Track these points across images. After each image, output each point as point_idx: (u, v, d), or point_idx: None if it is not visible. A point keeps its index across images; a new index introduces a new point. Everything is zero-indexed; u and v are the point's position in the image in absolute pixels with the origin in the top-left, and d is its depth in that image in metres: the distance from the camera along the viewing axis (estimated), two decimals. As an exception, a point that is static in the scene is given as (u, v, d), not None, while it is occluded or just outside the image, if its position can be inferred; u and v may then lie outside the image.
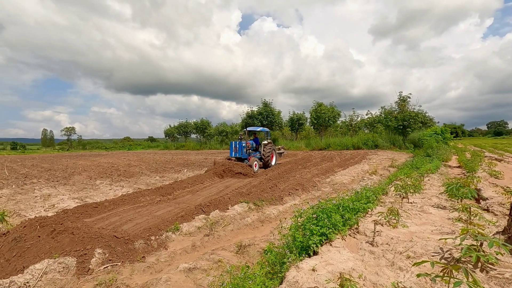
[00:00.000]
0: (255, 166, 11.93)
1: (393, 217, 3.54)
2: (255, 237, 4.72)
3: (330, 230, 2.75)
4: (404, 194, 5.12)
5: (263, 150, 13.50)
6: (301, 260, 2.43)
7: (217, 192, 8.23)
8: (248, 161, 12.17)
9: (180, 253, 4.23)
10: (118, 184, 9.79)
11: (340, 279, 1.81)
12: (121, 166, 16.40)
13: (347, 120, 34.88)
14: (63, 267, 3.47)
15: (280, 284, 2.17)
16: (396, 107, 26.85)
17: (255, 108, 36.13)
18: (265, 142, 14.06)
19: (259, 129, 15.24)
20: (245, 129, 14.37)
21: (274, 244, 3.19)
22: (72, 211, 5.61)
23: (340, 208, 3.17)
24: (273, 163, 14.35)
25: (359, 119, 34.59)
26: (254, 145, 14.06)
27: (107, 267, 3.70)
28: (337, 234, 2.80)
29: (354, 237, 2.96)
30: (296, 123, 35.68)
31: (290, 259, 2.47)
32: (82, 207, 6.04)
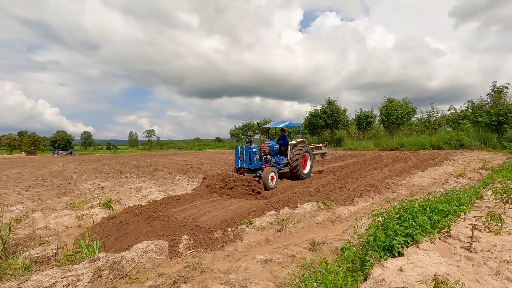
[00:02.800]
0: (271, 180, 8.43)
1: (495, 223, 3.08)
2: (327, 236, 4.68)
3: (417, 231, 2.57)
4: (507, 198, 4.40)
5: (291, 154, 10.00)
6: (385, 260, 2.34)
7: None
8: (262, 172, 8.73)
9: (254, 246, 4.46)
10: (194, 180, 10.74)
11: (434, 281, 1.69)
12: (194, 164, 17.89)
13: (424, 116, 31.25)
14: (159, 249, 4.02)
15: (365, 280, 2.13)
16: (489, 100, 22.90)
17: (318, 107, 35.24)
18: (293, 141, 10.23)
19: (281, 124, 10.84)
20: (258, 126, 10.36)
21: (352, 242, 3.13)
22: (160, 202, 6.39)
23: (427, 209, 2.92)
24: (306, 171, 10.25)
25: (439, 115, 30.57)
26: (276, 147, 10.37)
27: (193, 252, 4.14)
28: (424, 236, 2.60)
29: (445, 241, 2.69)
30: (363, 122, 33.50)
31: (373, 256, 2.39)
32: (167, 198, 6.82)
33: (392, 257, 2.44)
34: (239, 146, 9.30)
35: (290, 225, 5.32)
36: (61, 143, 72.48)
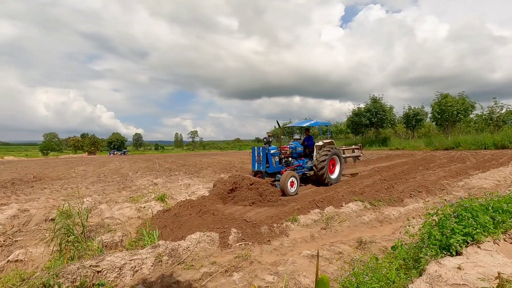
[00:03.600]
0: (291, 185, 7.56)
1: None
2: (375, 236, 4.57)
3: (478, 231, 2.42)
4: None
5: (316, 156, 8.91)
6: (441, 257, 2.26)
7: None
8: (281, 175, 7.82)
9: (300, 242, 4.55)
10: (237, 179, 11.12)
11: (498, 279, 1.61)
12: (236, 163, 18.43)
13: (485, 113, 28.07)
14: (210, 240, 4.31)
15: (420, 276, 2.10)
16: None
17: (362, 105, 33.72)
18: (320, 143, 9.17)
19: (306, 123, 9.81)
20: (278, 125, 8.66)
21: (403, 241, 3.06)
22: (208, 198, 6.78)
23: (489, 208, 2.73)
24: (333, 176, 9.13)
25: (503, 110, 27.22)
26: (299, 149, 9.32)
27: (241, 244, 4.37)
28: (486, 237, 2.45)
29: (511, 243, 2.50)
30: (412, 119, 31.17)
31: (428, 253, 2.33)
32: (213, 195, 7.21)
33: (449, 255, 2.35)
34: (255, 147, 8.53)
35: (336, 224, 5.29)
36: (116, 144, 79.56)
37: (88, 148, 73.14)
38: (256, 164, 8.34)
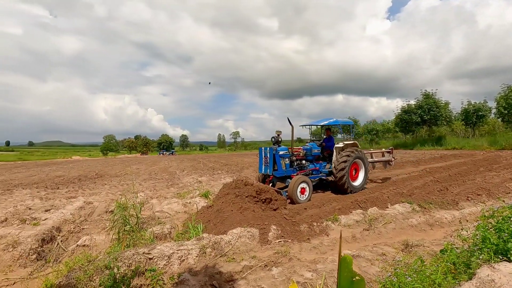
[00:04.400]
0: (302, 193, 6.72)
1: None
2: (424, 240, 4.29)
3: (543, 236, 2.16)
4: None
5: (335, 160, 7.87)
6: (495, 262, 2.07)
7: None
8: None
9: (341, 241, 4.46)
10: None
11: None
12: (277, 163, 18.52)
13: None
14: (251, 235, 4.46)
15: (469, 280, 1.96)
16: None
17: (412, 102, 31.28)
18: (340, 144, 8.11)
19: (324, 122, 8.62)
20: (289, 122, 7.38)
21: (453, 244, 2.85)
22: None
23: (559, 212, 2.40)
24: (356, 183, 8.01)
25: None
26: (316, 151, 8.32)
27: (280, 241, 4.43)
28: (554, 244, 2.17)
29: None
30: (472, 116, 27.95)
31: (480, 257, 2.14)
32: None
33: (506, 260, 2.14)
34: (262, 148, 7.60)
35: (380, 225, 5.07)
36: (165, 145, 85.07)
37: (141, 149, 79.46)
38: (263, 167, 7.43)
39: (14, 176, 15.04)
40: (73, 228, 5.57)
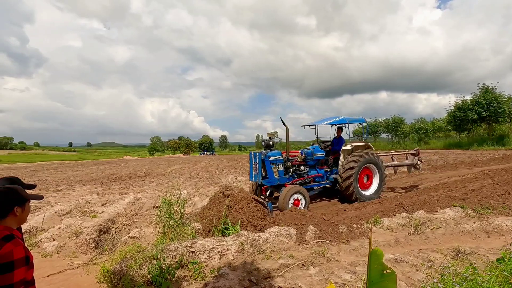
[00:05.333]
0: (296, 206, 5.83)
1: None
2: (478, 247, 3.92)
3: None
4: None
5: (342, 163, 6.97)
6: None
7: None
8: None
9: (383, 245, 4.27)
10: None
11: None
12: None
13: None
14: (288, 234, 4.48)
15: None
16: None
17: (467, 97, 28.38)
18: (348, 146, 7.13)
19: (329, 121, 7.57)
20: (283, 123, 6.58)
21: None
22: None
23: None
24: (368, 192, 7.06)
25: None
26: (319, 155, 7.28)
27: (318, 241, 4.39)
28: None
29: None
30: (543, 112, 24.54)
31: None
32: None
33: None
34: (252, 152, 6.83)
35: (427, 230, 4.74)
36: (205, 145, 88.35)
37: (183, 149, 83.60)
38: (253, 174, 6.62)
39: (76, 174, 16.87)
40: (125, 221, 6.10)
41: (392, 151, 10.57)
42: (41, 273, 3.75)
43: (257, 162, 6.42)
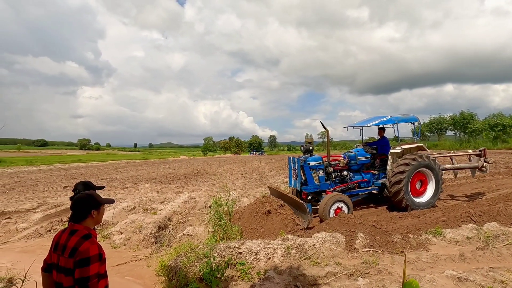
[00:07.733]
0: (336, 215, 5.32)
1: None
2: None
3: None
4: None
5: (389, 170, 6.34)
6: None
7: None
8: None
9: (444, 259, 3.88)
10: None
11: None
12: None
13: None
14: (336, 241, 4.35)
15: None
16: None
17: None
18: (397, 149, 6.46)
19: (374, 122, 6.86)
20: (322, 126, 6.48)
21: None
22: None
23: None
24: (422, 200, 6.37)
25: None
26: (363, 158, 6.68)
27: (369, 250, 4.18)
28: None
29: None
30: None
31: None
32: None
33: None
34: (291, 158, 6.48)
35: (501, 245, 4.16)
36: (255, 145, 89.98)
37: (234, 149, 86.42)
38: (293, 180, 6.38)
39: (139, 172, 18.70)
40: (180, 219, 6.59)
41: (452, 151, 9.20)
42: (111, 263, 4.27)
43: (296, 167, 6.20)
